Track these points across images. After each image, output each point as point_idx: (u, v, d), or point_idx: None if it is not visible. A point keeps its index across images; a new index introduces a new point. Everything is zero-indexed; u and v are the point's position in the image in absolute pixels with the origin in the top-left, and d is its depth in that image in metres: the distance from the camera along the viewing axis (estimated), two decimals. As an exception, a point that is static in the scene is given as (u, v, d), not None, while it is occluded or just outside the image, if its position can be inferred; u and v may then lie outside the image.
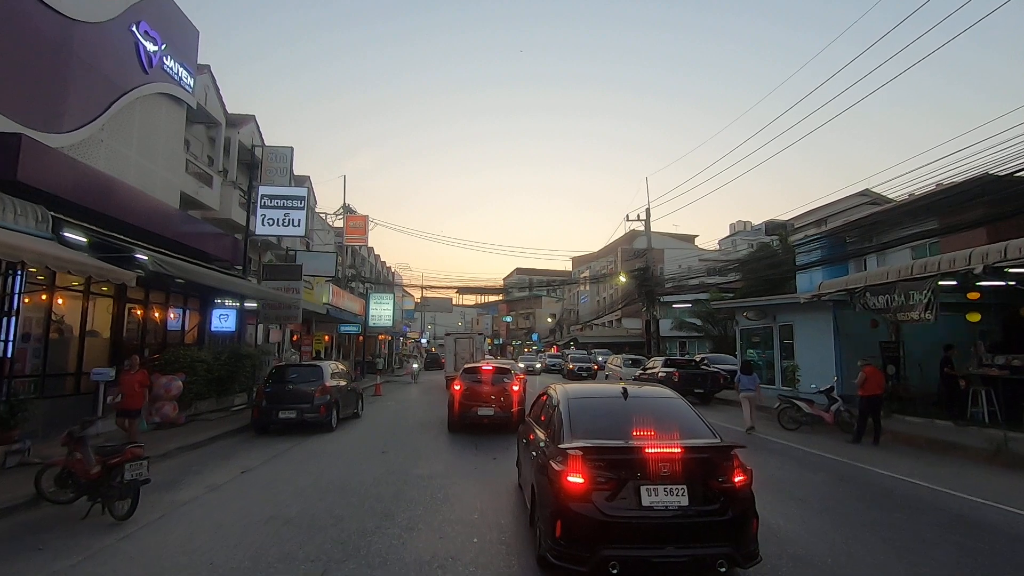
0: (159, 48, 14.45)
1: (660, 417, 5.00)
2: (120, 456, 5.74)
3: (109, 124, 12.70)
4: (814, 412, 12.53)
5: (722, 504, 4.14)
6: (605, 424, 4.84)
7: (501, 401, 11.82)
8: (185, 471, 8.16)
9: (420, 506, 6.39)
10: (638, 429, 4.67)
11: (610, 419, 4.98)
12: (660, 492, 4.11)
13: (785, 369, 18.75)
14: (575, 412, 5.01)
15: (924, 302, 10.35)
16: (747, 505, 4.24)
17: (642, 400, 5.52)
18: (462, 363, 21.11)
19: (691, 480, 4.15)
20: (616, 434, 4.59)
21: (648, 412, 5.15)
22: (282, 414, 11.46)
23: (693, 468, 4.20)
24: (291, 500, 6.59)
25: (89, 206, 10.52)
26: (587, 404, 5.34)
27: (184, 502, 6.54)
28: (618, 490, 4.12)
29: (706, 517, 4.11)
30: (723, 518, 4.12)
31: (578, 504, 4.10)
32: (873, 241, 19.06)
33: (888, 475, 8.31)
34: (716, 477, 4.22)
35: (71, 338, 11.00)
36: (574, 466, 4.19)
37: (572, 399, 5.29)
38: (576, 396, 5.44)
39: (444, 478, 7.76)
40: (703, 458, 4.32)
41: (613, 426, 4.78)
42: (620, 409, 5.21)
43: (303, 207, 18.49)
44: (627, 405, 5.30)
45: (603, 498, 4.11)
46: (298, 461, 9.04)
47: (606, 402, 5.51)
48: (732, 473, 4.25)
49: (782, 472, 8.47)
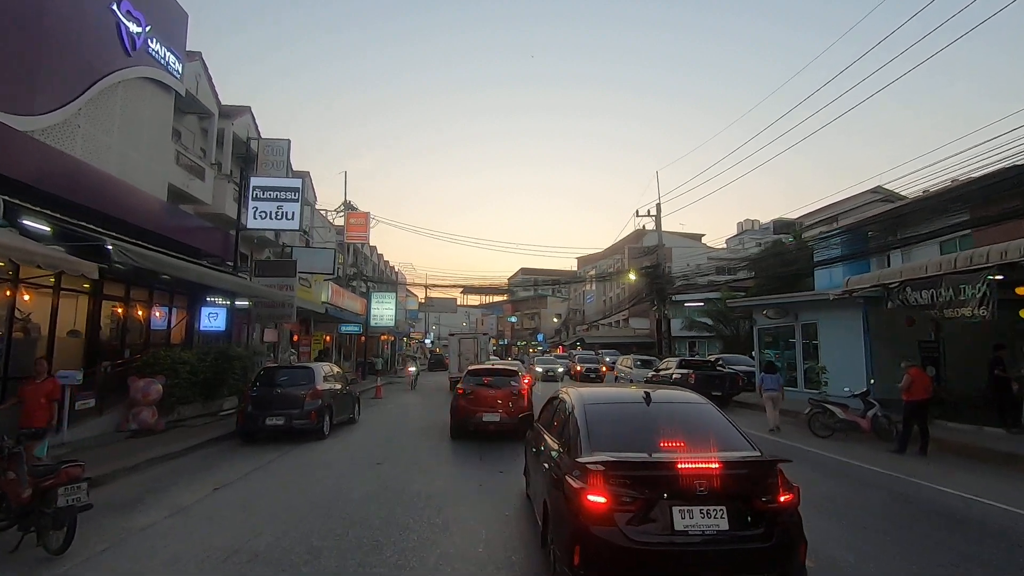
0: (143, 30, 13.55)
1: (689, 426, 4.46)
2: (53, 478, 4.79)
3: (87, 108, 11.81)
4: (849, 418, 11.49)
5: (767, 528, 3.61)
6: (627, 434, 4.32)
7: (508, 406, 10.92)
8: (151, 488, 7.22)
9: (414, 535, 5.42)
10: (666, 440, 4.13)
11: (633, 428, 4.44)
12: (696, 514, 3.58)
13: (808, 370, 17.70)
14: (593, 420, 4.42)
15: (978, 297, 9.31)
16: (794, 528, 3.70)
17: (668, 406, 4.86)
18: (466, 364, 20.49)
19: (731, 500, 3.63)
20: (641, 446, 4.04)
21: (676, 420, 4.58)
22: (269, 420, 10.51)
23: (733, 486, 3.68)
24: (264, 526, 5.63)
25: (58, 194, 9.63)
26: (606, 411, 4.73)
27: (139, 529, 5.59)
28: (647, 512, 3.60)
29: (749, 543, 3.57)
30: (768, 544, 3.58)
31: (600, 528, 3.56)
32: (897, 236, 18.03)
33: (947, 491, 7.28)
34: (759, 496, 3.67)
35: (39, 338, 10.10)
36: (595, 484, 3.65)
37: (588, 405, 4.68)
38: (593, 401, 4.81)
39: (444, 497, 6.79)
40: (744, 474, 3.81)
41: (637, 436, 4.26)
42: (643, 416, 4.60)
43: (297, 199, 17.54)
44: (651, 412, 4.65)
45: (629, 521, 3.56)
46: (281, 475, 8.09)
47: (627, 408, 4.89)
48: (777, 491, 3.70)
49: (821, 486, 7.45)
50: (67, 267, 7.13)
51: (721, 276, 31.09)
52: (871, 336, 14.72)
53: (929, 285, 10.53)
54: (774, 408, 12.57)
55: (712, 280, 32.12)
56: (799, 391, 17.58)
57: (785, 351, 19.44)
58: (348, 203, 32.58)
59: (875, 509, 6.50)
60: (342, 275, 30.52)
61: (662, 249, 28.02)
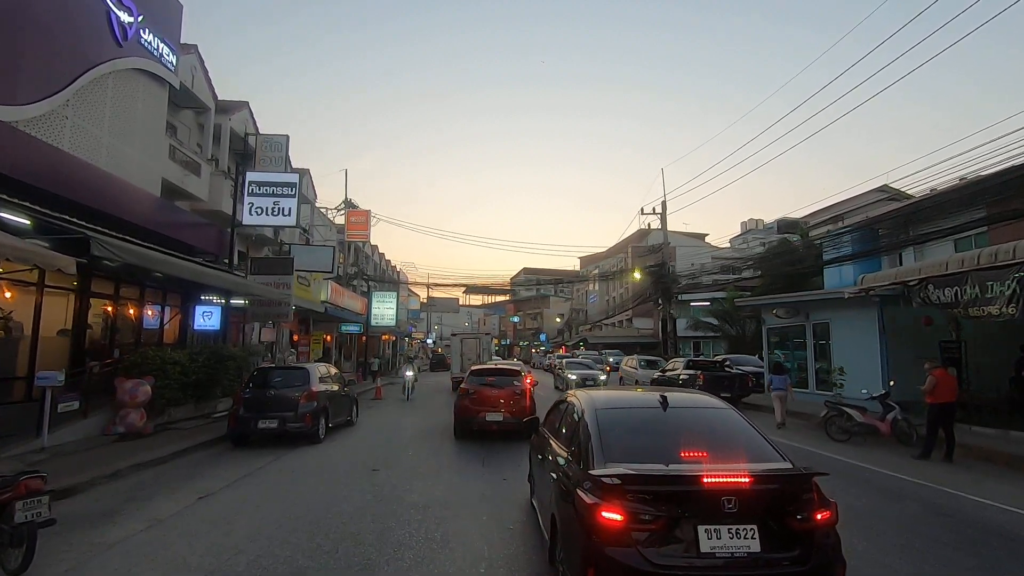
0: (135, 19, 13.13)
1: (712, 433, 4.08)
2: (11, 491, 4.33)
3: (76, 100, 11.39)
4: (868, 421, 10.98)
5: (802, 549, 3.22)
6: (645, 443, 3.93)
7: (511, 406, 10.87)
8: (131, 496, 6.76)
9: (410, 552, 4.95)
10: (687, 450, 3.72)
11: (650, 436, 4.04)
12: (724, 534, 3.19)
13: (820, 371, 17.19)
14: (605, 427, 4.00)
15: (1007, 294, 8.80)
16: (833, 550, 3.31)
17: (687, 411, 4.47)
18: (469, 364, 20.22)
19: (763, 518, 3.24)
20: (660, 456, 3.66)
21: (696, 427, 4.19)
22: (262, 423, 10.06)
23: (765, 502, 3.29)
24: (245, 542, 5.16)
25: (40, 186, 9.21)
26: (619, 416, 4.29)
27: (109, 545, 5.13)
28: (669, 531, 3.21)
29: (783, 567, 3.19)
30: (804, 568, 3.18)
31: (616, 548, 3.17)
32: (910, 233, 17.52)
33: (985, 503, 6.79)
34: (794, 514, 3.26)
35: (21, 337, 9.66)
36: (611, 499, 3.25)
37: (600, 409, 4.26)
38: (605, 406, 4.38)
39: (444, 508, 6.32)
40: (776, 489, 3.40)
41: (655, 446, 3.88)
42: (661, 423, 4.19)
43: (294, 195, 17.10)
44: (668, 418, 4.24)
45: (649, 541, 3.18)
46: (270, 483, 7.62)
47: (642, 413, 4.39)
48: (813, 508, 3.29)
49: (846, 497, 6.94)
50: (41, 261, 6.67)
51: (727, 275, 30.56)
52: (887, 336, 14.21)
53: (953, 283, 10.04)
54: (782, 406, 13.41)
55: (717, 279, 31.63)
56: (811, 393, 17.07)
57: (795, 351, 18.93)
58: (348, 201, 32.15)
59: (911, 524, 6.00)
60: (342, 274, 30.09)
61: (667, 247, 27.50)
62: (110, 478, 7.44)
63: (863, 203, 24.31)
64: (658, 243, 30.08)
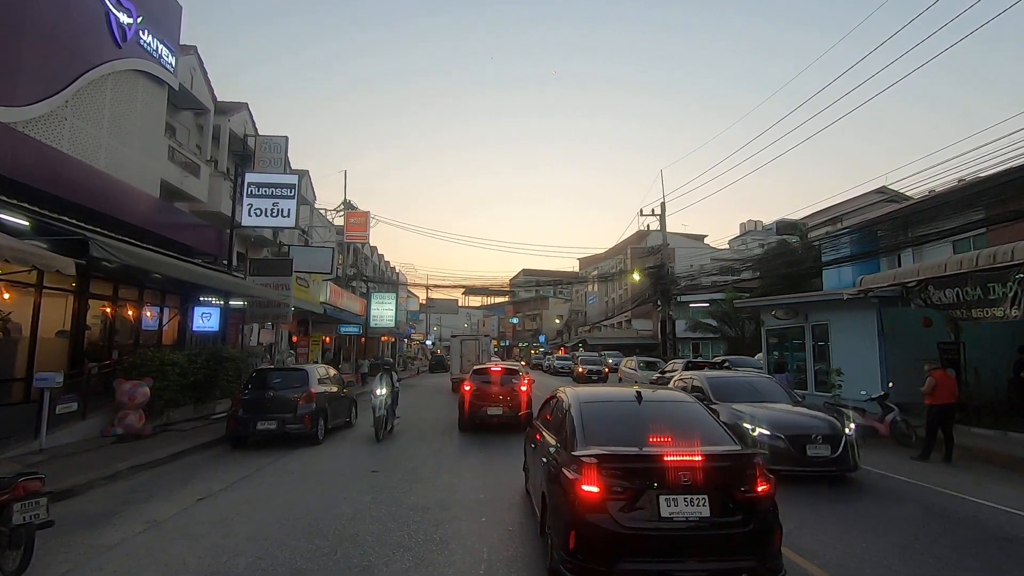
0: (134, 21, 13.13)
1: (677, 422, 4.79)
2: (9, 493, 4.32)
3: (74, 100, 11.39)
4: (867, 423, 10.96)
5: (745, 515, 3.90)
6: (620, 430, 4.62)
7: (509, 401, 12.05)
8: (129, 499, 6.74)
9: (409, 554, 4.94)
10: (654, 435, 4.43)
11: (625, 425, 4.74)
12: (680, 502, 3.86)
13: (818, 372, 17.18)
14: (587, 417, 4.74)
15: (1010, 296, 8.80)
16: (771, 516, 3.97)
17: (657, 404, 5.30)
18: (468, 365, 20.39)
19: (712, 489, 3.90)
20: (632, 440, 4.35)
21: (664, 417, 4.94)
22: (261, 425, 10.03)
23: (714, 477, 3.96)
24: (245, 544, 5.15)
25: (39, 187, 9.21)
26: (600, 409, 5.06)
27: (109, 546, 5.11)
28: (636, 500, 3.88)
29: (728, 529, 3.86)
30: (746, 530, 3.86)
31: (594, 515, 3.85)
32: (909, 235, 17.53)
33: (983, 504, 6.78)
34: (738, 486, 3.97)
35: (20, 338, 9.64)
36: (589, 475, 3.93)
37: (584, 403, 5.02)
38: (588, 400, 5.16)
39: (443, 509, 6.31)
40: (724, 466, 4.12)
41: (628, 432, 4.56)
42: (635, 414, 4.96)
43: (294, 196, 17.08)
44: (642, 410, 5.04)
45: (620, 509, 3.85)
46: (269, 484, 7.60)
47: (620, 406, 5.22)
48: (755, 482, 3.97)
49: (847, 499, 6.97)
50: (39, 262, 6.66)
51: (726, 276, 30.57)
52: (886, 337, 14.20)
53: (954, 284, 10.03)
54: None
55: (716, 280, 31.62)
56: (809, 394, 17.04)
57: (794, 353, 18.91)
58: (348, 202, 32.17)
59: (911, 526, 5.99)
60: (341, 275, 30.08)
61: (666, 248, 27.51)
62: (108, 480, 7.42)
63: (862, 204, 24.33)
64: (657, 244, 30.10)
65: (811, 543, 5.27)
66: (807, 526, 5.80)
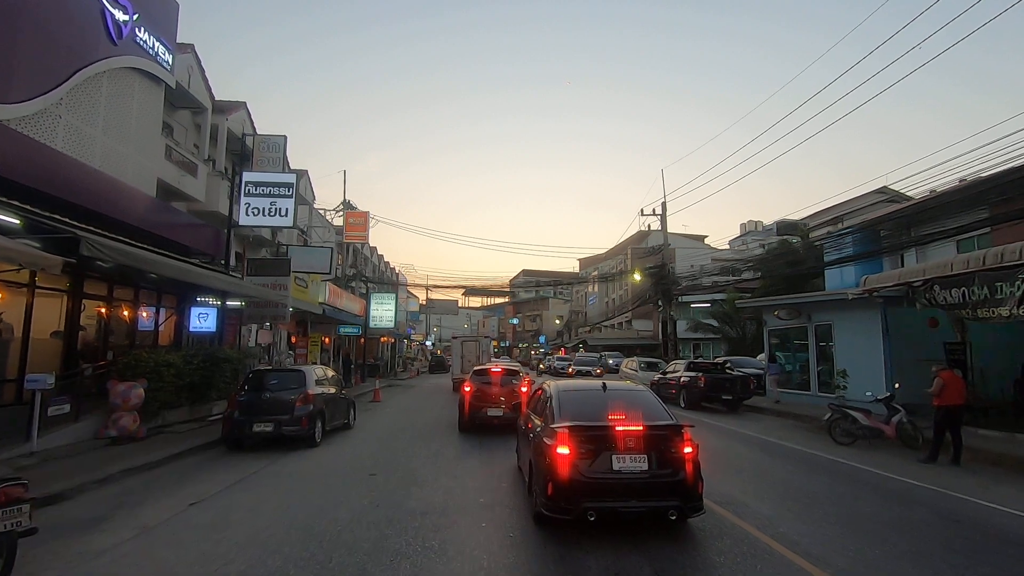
0: (130, 18, 12.97)
1: (630, 404, 6.01)
2: (-10, 499, 4.16)
3: (69, 98, 11.22)
4: (872, 424, 10.82)
5: (674, 469, 5.28)
6: (587, 410, 5.93)
7: (509, 403, 12.02)
8: (120, 503, 6.58)
9: (407, 562, 4.78)
10: (612, 413, 5.68)
11: (591, 406, 6.02)
12: (627, 460, 5.24)
13: (822, 373, 17.03)
14: (564, 401, 6.20)
15: (1018, 296, 8.65)
16: (694, 470, 5.35)
17: (617, 392, 6.50)
18: (469, 366, 20.48)
19: (650, 451, 5.28)
20: (595, 417, 5.67)
21: (621, 400, 6.14)
22: (257, 427, 9.87)
23: (652, 442, 5.33)
24: (235, 551, 4.99)
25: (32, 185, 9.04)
26: (573, 395, 6.49)
27: (95, 553, 4.95)
28: (595, 458, 5.26)
29: (661, 479, 5.24)
30: (674, 479, 5.25)
31: (565, 469, 5.19)
32: (912, 234, 17.38)
33: (994, 507, 6.64)
34: (670, 449, 5.35)
35: (11, 339, 9.47)
36: (562, 439, 5.30)
37: (562, 392, 6.50)
38: (565, 389, 6.64)
39: (442, 515, 6.15)
40: (660, 434, 5.43)
41: (593, 411, 5.85)
42: (599, 398, 6.26)
43: (291, 195, 16.91)
44: (605, 396, 6.30)
45: (584, 464, 5.23)
46: (264, 488, 7.44)
47: (589, 394, 6.59)
48: (682, 445, 5.38)
49: (856, 502, 6.81)
50: (26, 260, 6.50)
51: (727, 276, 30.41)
52: (890, 338, 14.06)
53: (960, 283, 9.87)
54: (775, 386, 17.88)
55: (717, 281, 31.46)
56: (813, 395, 16.93)
57: (797, 353, 18.76)
58: (347, 202, 31.98)
59: (921, 529, 5.84)
60: (340, 275, 29.91)
61: (667, 248, 27.36)
62: (100, 483, 7.26)
63: (863, 205, 24.19)
64: (658, 244, 29.95)
65: (821, 551, 5.11)
66: (815, 532, 5.65)
